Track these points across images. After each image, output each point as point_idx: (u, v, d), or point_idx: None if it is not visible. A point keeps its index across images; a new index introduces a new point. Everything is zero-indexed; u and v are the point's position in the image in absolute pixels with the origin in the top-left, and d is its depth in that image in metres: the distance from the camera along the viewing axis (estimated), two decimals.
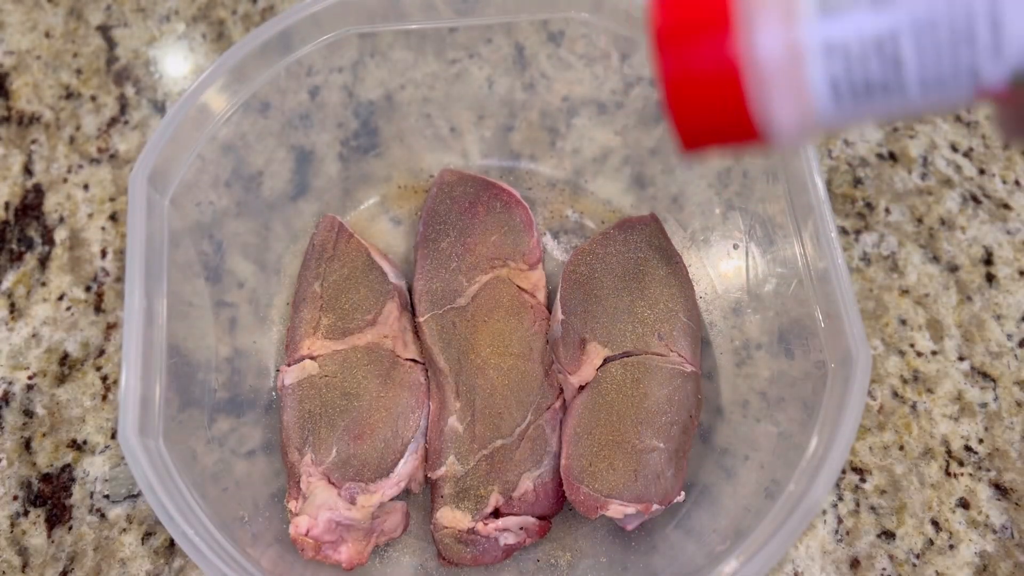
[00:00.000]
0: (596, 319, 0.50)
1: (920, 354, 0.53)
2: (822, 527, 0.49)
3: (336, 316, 0.50)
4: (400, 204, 0.56)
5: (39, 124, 0.59)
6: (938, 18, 0.20)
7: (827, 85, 0.21)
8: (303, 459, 0.46)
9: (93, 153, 0.58)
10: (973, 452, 0.50)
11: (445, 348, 0.50)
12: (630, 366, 0.48)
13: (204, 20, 0.62)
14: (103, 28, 0.62)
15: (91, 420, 0.51)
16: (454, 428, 0.48)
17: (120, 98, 0.60)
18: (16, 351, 0.53)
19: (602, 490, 0.45)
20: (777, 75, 0.21)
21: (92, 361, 0.52)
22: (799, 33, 0.21)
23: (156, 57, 0.61)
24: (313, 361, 0.49)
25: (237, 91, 0.48)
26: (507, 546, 0.46)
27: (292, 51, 0.49)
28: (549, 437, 0.48)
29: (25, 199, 0.57)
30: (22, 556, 0.48)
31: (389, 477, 0.47)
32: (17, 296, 0.54)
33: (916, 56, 0.21)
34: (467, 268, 0.52)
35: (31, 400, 0.52)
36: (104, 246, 0.55)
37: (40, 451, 0.50)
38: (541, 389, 0.49)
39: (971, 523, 0.49)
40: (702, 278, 0.53)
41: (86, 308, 0.54)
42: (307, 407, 0.48)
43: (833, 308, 0.43)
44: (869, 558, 0.48)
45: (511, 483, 0.47)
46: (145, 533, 0.49)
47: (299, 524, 0.45)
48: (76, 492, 0.49)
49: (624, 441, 0.46)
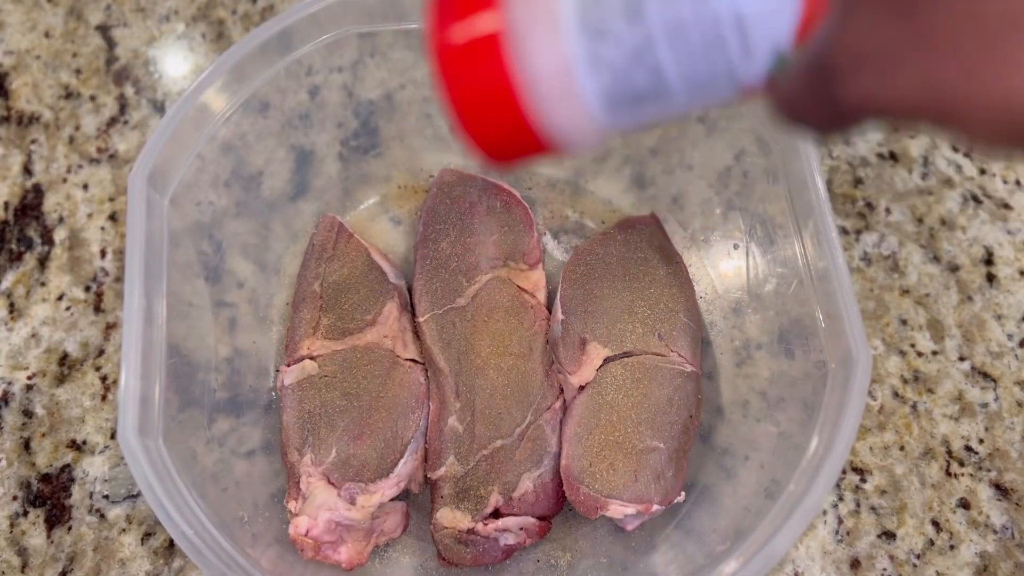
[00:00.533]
0: (596, 319, 0.50)
1: (920, 354, 0.53)
2: (822, 527, 0.49)
3: (336, 316, 0.50)
4: (400, 204, 0.56)
5: (39, 124, 0.59)
6: (688, 27, 0.21)
7: (599, 95, 0.22)
8: (303, 459, 0.46)
9: (93, 153, 0.58)
10: (974, 452, 0.50)
11: (445, 348, 0.49)
12: (630, 366, 0.48)
13: (204, 20, 0.62)
14: (103, 28, 0.62)
15: (91, 420, 0.51)
16: (454, 428, 0.48)
17: (120, 98, 0.60)
18: (16, 351, 0.53)
19: (602, 490, 0.45)
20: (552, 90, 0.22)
21: (92, 361, 0.52)
22: (565, 50, 0.22)
23: (156, 57, 0.61)
24: (313, 361, 0.49)
25: (237, 91, 0.48)
26: (507, 546, 0.46)
27: (292, 51, 0.49)
28: (549, 437, 0.48)
29: (25, 199, 0.57)
30: (21, 556, 0.48)
31: (389, 477, 0.46)
32: (17, 296, 0.54)
33: (675, 63, 0.22)
34: (467, 268, 0.52)
35: (31, 400, 0.51)
36: (104, 246, 0.55)
37: (40, 451, 0.50)
38: (541, 389, 0.49)
39: (971, 523, 0.49)
40: (702, 278, 0.53)
41: (86, 308, 0.54)
42: (307, 407, 0.48)
43: (833, 308, 0.43)
44: (869, 558, 0.48)
45: (511, 483, 0.47)
46: (145, 533, 0.48)
47: (299, 524, 0.45)
48: (76, 492, 0.49)
49: (624, 441, 0.46)
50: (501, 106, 0.23)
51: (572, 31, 0.22)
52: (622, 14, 0.22)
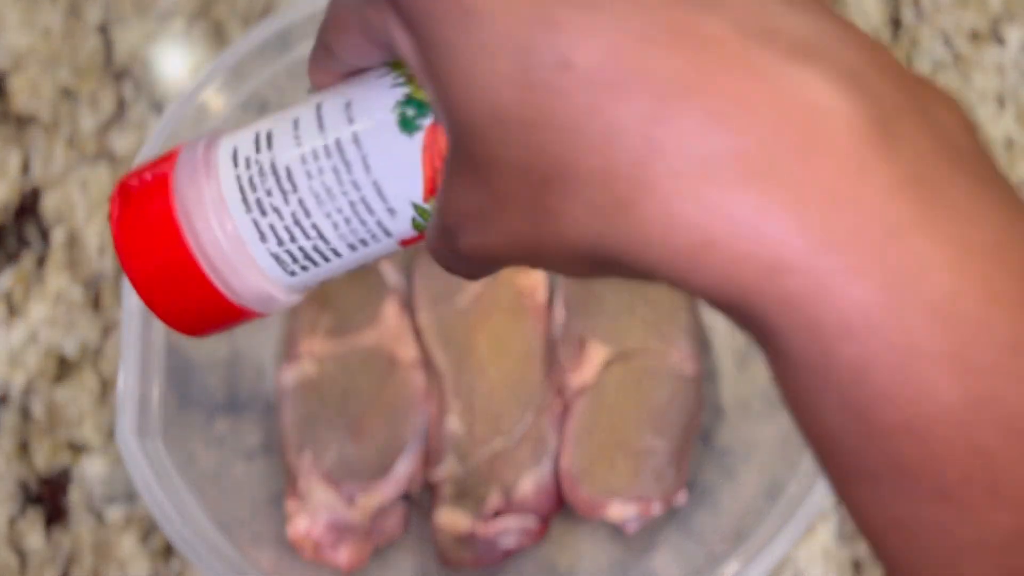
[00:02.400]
0: (597, 319, 0.49)
1: None
2: (823, 528, 0.49)
3: (335, 316, 0.50)
4: None
5: (37, 123, 0.59)
6: (335, 194, 0.24)
7: (273, 260, 0.25)
8: (302, 459, 0.46)
9: (91, 153, 0.58)
10: None
11: (445, 348, 0.49)
12: (631, 366, 0.48)
13: (203, 19, 0.62)
14: (101, 27, 0.62)
15: (89, 421, 0.51)
16: (453, 428, 0.48)
17: (118, 97, 0.59)
18: (13, 351, 0.53)
19: (602, 490, 0.45)
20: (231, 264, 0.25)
21: (90, 361, 0.52)
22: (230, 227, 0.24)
23: (155, 56, 0.61)
24: (312, 361, 0.49)
25: (236, 90, 0.48)
26: (507, 547, 0.46)
27: (291, 50, 0.49)
28: (549, 437, 0.48)
29: (23, 199, 0.57)
30: (20, 557, 0.48)
31: (388, 478, 0.46)
32: (15, 296, 0.54)
33: (332, 229, 0.24)
34: None
35: (28, 401, 0.51)
36: (102, 246, 0.55)
37: (38, 452, 0.50)
38: (541, 389, 0.49)
39: None
40: None
41: (84, 308, 0.53)
42: (306, 407, 0.48)
43: None
44: (871, 560, 0.48)
45: (511, 483, 0.46)
46: (143, 534, 0.48)
47: (298, 525, 0.45)
48: (74, 493, 0.49)
49: (625, 442, 0.46)
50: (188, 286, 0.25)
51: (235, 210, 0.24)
52: (278, 190, 0.24)
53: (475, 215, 0.21)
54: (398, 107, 0.24)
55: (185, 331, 0.27)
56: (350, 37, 0.23)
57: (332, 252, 0.25)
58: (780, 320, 0.17)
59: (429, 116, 0.23)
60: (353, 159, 0.24)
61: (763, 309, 0.18)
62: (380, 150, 0.24)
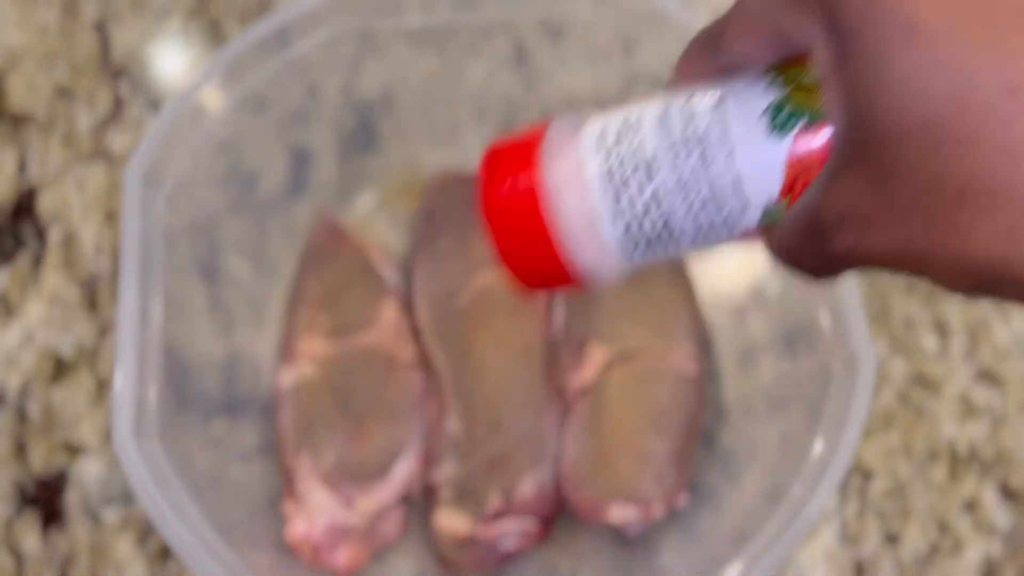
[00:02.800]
0: (597, 320, 0.49)
1: (926, 355, 0.52)
2: (826, 530, 0.49)
3: (333, 317, 0.50)
4: (398, 203, 0.56)
5: (33, 122, 0.59)
6: (692, 186, 0.26)
7: (618, 240, 0.27)
8: (300, 461, 0.46)
9: (88, 152, 0.58)
10: (979, 454, 0.50)
11: (444, 349, 0.49)
12: (632, 368, 0.48)
13: (200, 17, 0.62)
14: (98, 25, 0.61)
15: (85, 422, 0.51)
16: (453, 430, 0.47)
17: (115, 96, 0.59)
18: (9, 352, 0.52)
19: (603, 493, 0.45)
20: (579, 237, 0.27)
21: (86, 362, 0.52)
22: (591, 204, 0.27)
23: (151, 54, 0.61)
24: (310, 362, 0.49)
25: (233, 89, 0.48)
26: (507, 550, 0.46)
27: (289, 48, 0.49)
28: (549, 439, 0.48)
29: (19, 198, 0.56)
30: (16, 559, 0.48)
31: (387, 480, 0.46)
32: (11, 296, 0.54)
33: (681, 215, 0.26)
34: (467, 268, 0.51)
35: (25, 402, 0.51)
36: (99, 246, 0.55)
37: (34, 453, 0.50)
38: (541, 390, 0.49)
39: (977, 526, 0.49)
40: (704, 278, 0.53)
41: (80, 308, 0.53)
42: (304, 408, 0.47)
43: (838, 309, 0.43)
44: (874, 562, 0.48)
45: (511, 485, 0.46)
46: (140, 536, 0.48)
47: (296, 527, 0.45)
48: (70, 495, 0.49)
49: (626, 444, 0.46)
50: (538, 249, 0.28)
51: (597, 188, 0.27)
52: (639, 174, 0.26)
53: (863, 218, 0.22)
54: (772, 109, 0.25)
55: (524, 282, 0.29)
56: (754, 35, 0.25)
57: (675, 240, 0.27)
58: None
59: (801, 123, 0.25)
60: (719, 152, 0.25)
61: None
62: (747, 147, 0.25)
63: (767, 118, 0.25)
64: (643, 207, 0.26)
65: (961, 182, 0.20)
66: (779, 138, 0.25)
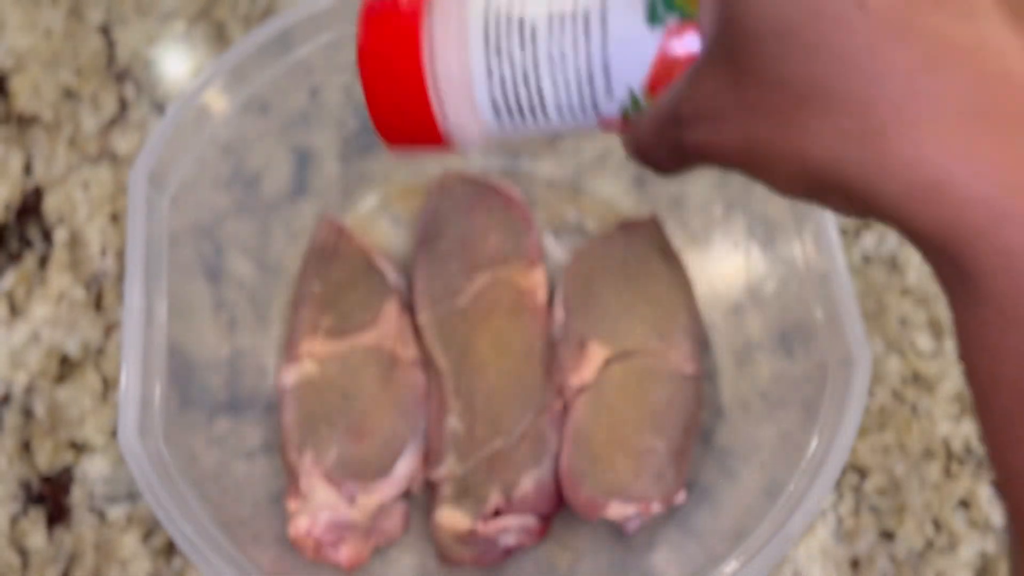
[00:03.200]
0: (596, 319, 0.50)
1: (920, 354, 0.53)
2: (822, 527, 0.49)
3: (336, 316, 0.50)
4: (400, 204, 0.56)
5: (39, 124, 0.59)
6: (567, 62, 0.26)
7: (490, 103, 0.28)
8: (303, 459, 0.46)
9: (93, 153, 0.58)
10: (973, 452, 0.50)
11: (445, 348, 0.49)
12: (631, 366, 0.48)
13: (204, 20, 0.62)
14: (103, 27, 0.62)
15: (91, 420, 0.51)
16: (454, 428, 0.48)
17: (120, 98, 0.60)
18: (15, 351, 0.53)
19: (602, 491, 0.45)
20: (452, 92, 0.28)
21: (92, 361, 0.52)
22: (469, 61, 0.27)
23: (156, 57, 0.61)
24: (313, 361, 0.49)
25: (237, 91, 0.48)
26: (507, 546, 0.46)
27: (292, 51, 0.49)
28: (549, 437, 0.48)
29: (25, 199, 0.57)
30: (22, 557, 0.48)
31: (389, 477, 0.47)
32: (16, 296, 0.54)
33: (552, 88, 0.27)
34: (467, 268, 0.51)
35: (30, 400, 0.52)
36: (104, 246, 0.55)
37: (39, 452, 0.50)
38: (541, 389, 0.49)
39: (972, 523, 0.49)
40: (702, 278, 0.53)
41: (86, 308, 0.54)
42: (307, 407, 0.48)
43: (833, 308, 0.43)
44: (869, 559, 0.48)
45: (511, 483, 0.47)
46: (145, 533, 0.49)
47: (299, 524, 0.45)
48: (76, 493, 0.49)
49: (624, 442, 0.46)
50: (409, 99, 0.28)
51: (475, 47, 0.27)
52: (518, 39, 0.27)
53: (715, 113, 0.23)
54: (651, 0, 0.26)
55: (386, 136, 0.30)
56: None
57: (542, 111, 0.28)
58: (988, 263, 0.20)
59: (675, 17, 0.26)
60: (595, 33, 0.26)
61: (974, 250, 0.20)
62: (621, 32, 0.26)
63: (645, 7, 0.26)
64: (514, 75, 0.27)
65: (804, 85, 0.21)
66: (651, 29, 0.26)
